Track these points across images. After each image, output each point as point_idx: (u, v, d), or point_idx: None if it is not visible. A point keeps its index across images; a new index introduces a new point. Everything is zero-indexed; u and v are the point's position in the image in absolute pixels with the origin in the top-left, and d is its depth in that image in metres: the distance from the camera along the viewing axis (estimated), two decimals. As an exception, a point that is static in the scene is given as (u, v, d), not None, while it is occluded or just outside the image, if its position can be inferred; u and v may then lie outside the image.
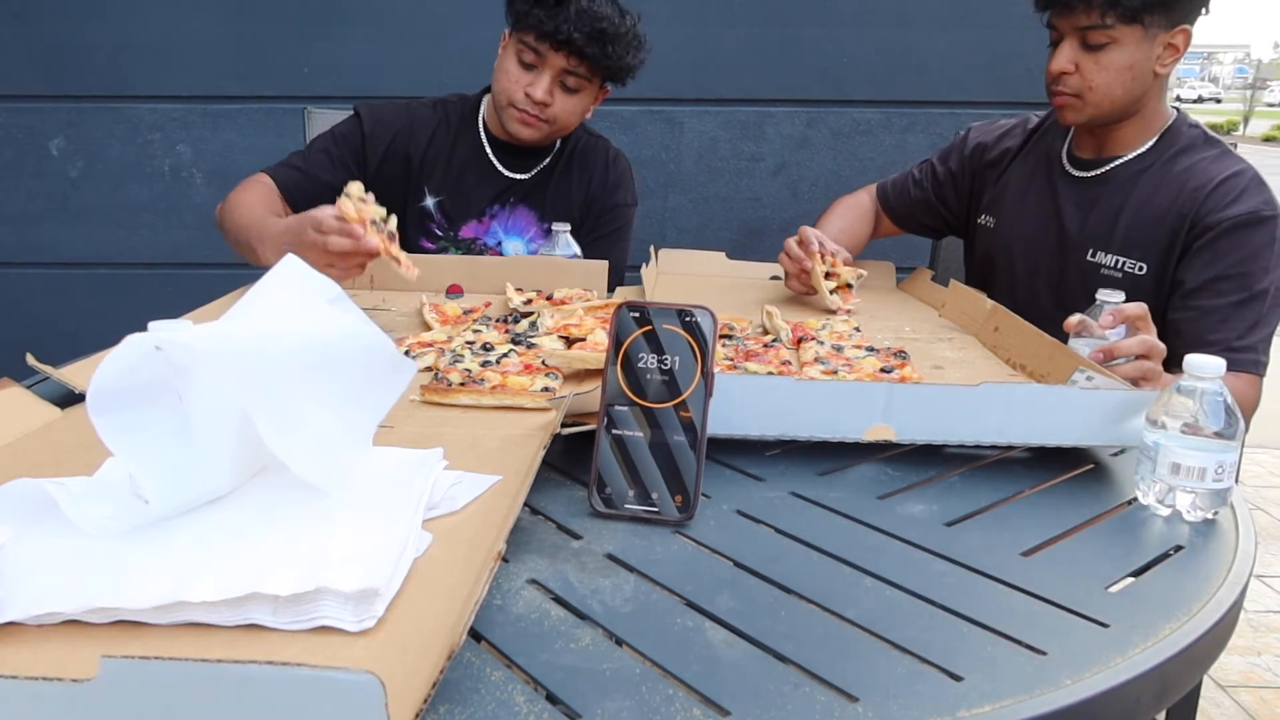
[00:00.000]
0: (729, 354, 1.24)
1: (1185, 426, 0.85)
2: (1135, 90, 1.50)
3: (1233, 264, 1.42)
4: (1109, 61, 1.48)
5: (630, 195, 1.91)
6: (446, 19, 2.50)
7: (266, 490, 0.75)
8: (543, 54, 1.68)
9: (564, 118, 1.74)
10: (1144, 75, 1.49)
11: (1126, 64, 1.47)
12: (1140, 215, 1.51)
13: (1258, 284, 1.41)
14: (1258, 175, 1.47)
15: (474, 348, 1.22)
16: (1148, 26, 1.45)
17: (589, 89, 1.74)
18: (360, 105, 1.83)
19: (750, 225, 2.67)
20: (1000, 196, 1.72)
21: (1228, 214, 1.43)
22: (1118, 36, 1.46)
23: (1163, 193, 1.50)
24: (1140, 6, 1.43)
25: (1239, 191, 1.44)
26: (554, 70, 1.69)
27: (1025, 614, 0.70)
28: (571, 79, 1.70)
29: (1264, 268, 1.42)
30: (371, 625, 0.60)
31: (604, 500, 0.83)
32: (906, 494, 0.92)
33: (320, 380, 0.73)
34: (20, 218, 2.63)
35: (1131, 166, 1.55)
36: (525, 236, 1.85)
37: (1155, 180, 1.51)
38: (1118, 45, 1.47)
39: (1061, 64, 1.50)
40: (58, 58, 2.53)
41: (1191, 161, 1.50)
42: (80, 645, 0.58)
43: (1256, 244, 1.42)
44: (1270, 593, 2.63)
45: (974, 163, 1.79)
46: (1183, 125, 1.55)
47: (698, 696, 0.58)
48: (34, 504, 0.68)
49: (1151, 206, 1.50)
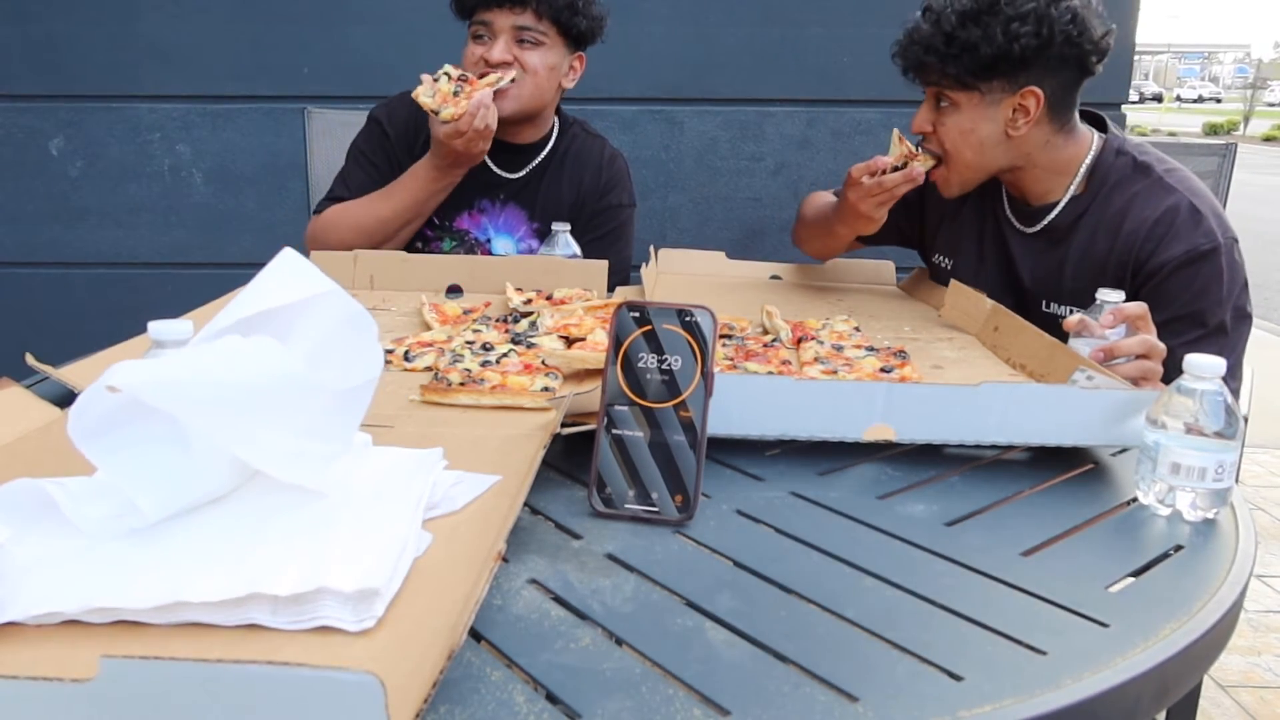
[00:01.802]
0: (729, 354, 1.24)
1: (1185, 426, 0.85)
2: (990, 154, 1.50)
3: (1183, 305, 1.39)
4: (952, 124, 1.50)
5: (627, 196, 1.90)
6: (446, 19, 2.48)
7: (266, 490, 0.74)
8: (489, 22, 1.69)
9: (534, 77, 1.72)
10: (994, 139, 1.48)
11: (968, 128, 1.48)
12: (1082, 265, 1.49)
13: (1213, 319, 1.39)
14: (1191, 205, 1.41)
15: (474, 348, 1.22)
16: (985, 93, 1.46)
17: (552, 44, 1.73)
18: (376, 109, 1.85)
19: (750, 225, 2.67)
20: (956, 241, 1.68)
21: (1168, 256, 1.40)
22: (957, 100, 1.48)
23: (1100, 240, 1.47)
24: (966, 73, 1.44)
25: (1175, 229, 1.40)
26: (506, 31, 1.69)
27: (1025, 614, 0.70)
28: (527, 34, 1.70)
29: (1216, 301, 1.39)
30: (371, 625, 0.60)
31: (604, 500, 0.83)
32: (906, 494, 0.92)
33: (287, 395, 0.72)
34: (20, 218, 2.63)
35: (1068, 213, 1.52)
36: (515, 235, 1.85)
37: (1092, 226, 1.49)
38: (958, 109, 1.48)
39: (919, 123, 1.54)
40: (58, 58, 2.53)
41: (1125, 200, 1.46)
42: (80, 645, 0.58)
43: (1204, 279, 1.39)
44: (1270, 593, 2.63)
45: (921, 192, 1.66)
46: (1110, 156, 1.50)
47: (698, 696, 0.58)
48: (34, 504, 0.68)
49: (1092, 255, 1.48)
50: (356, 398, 0.77)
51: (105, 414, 0.67)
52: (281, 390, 0.70)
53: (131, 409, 0.67)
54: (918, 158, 1.55)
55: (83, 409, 0.66)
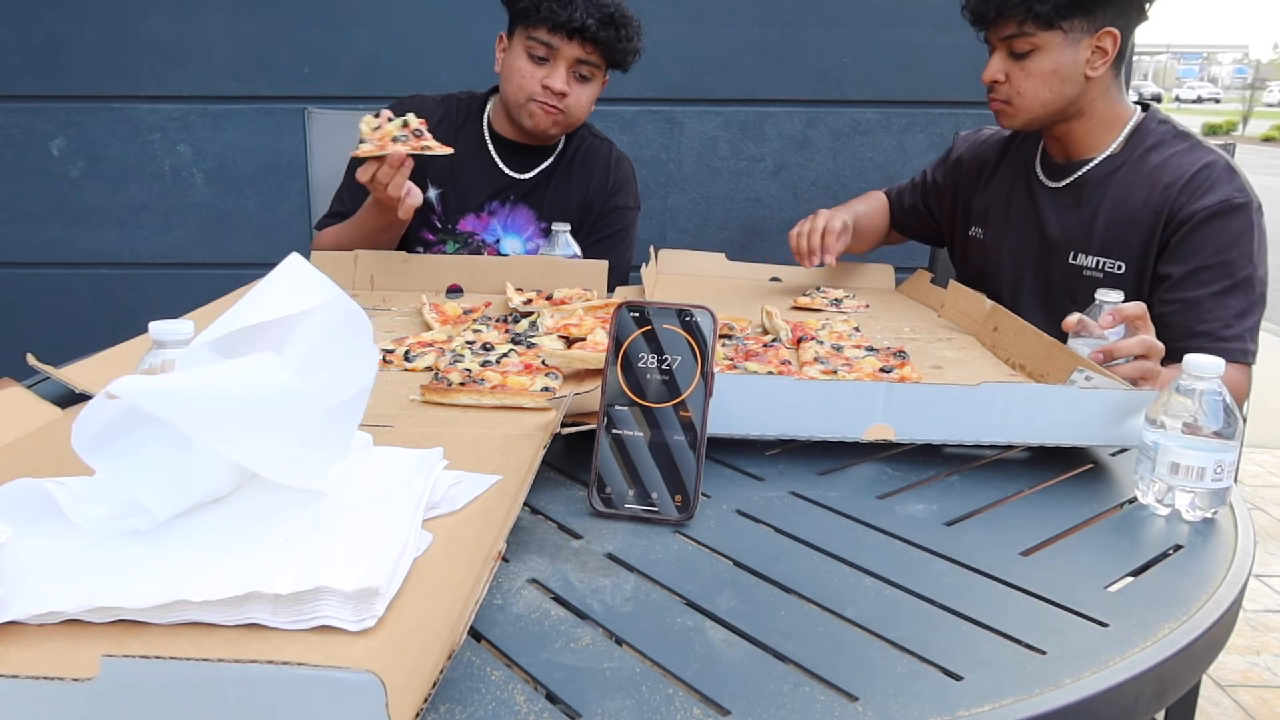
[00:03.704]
0: (729, 354, 1.24)
1: (1184, 426, 0.86)
2: (1066, 93, 1.52)
3: (1212, 253, 1.44)
4: (1034, 68, 1.52)
5: (632, 198, 1.92)
6: (446, 19, 2.50)
7: (267, 490, 0.75)
8: (555, 46, 1.69)
9: (576, 109, 1.76)
10: (1073, 79, 1.51)
11: (1051, 69, 1.51)
12: (1116, 215, 1.53)
13: (1240, 271, 1.43)
14: (1229, 164, 1.48)
15: (474, 348, 1.22)
16: (1068, 31, 1.49)
17: (597, 78, 1.77)
18: (393, 105, 1.83)
19: (750, 225, 2.67)
20: (987, 208, 1.74)
21: (1202, 204, 1.44)
22: (1039, 43, 1.50)
23: (1137, 191, 1.51)
24: (1053, 12, 1.46)
25: (1211, 182, 1.45)
26: (568, 61, 1.71)
27: (1025, 613, 0.70)
28: (584, 68, 1.73)
29: (1245, 255, 1.43)
30: (372, 625, 0.60)
31: (604, 500, 0.83)
32: (906, 494, 0.92)
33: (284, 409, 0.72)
34: (20, 218, 2.63)
35: (1103, 168, 1.56)
36: (523, 235, 1.86)
37: (1129, 179, 1.53)
38: (1040, 52, 1.50)
39: (992, 73, 1.56)
40: (58, 58, 2.53)
41: (1163, 157, 1.51)
42: (80, 645, 0.58)
43: (1234, 231, 1.44)
44: (1269, 592, 2.63)
45: (956, 175, 1.82)
46: (1152, 122, 1.56)
47: (697, 696, 0.58)
48: (34, 504, 0.68)
49: (1127, 206, 1.52)
50: (352, 404, 0.77)
51: (107, 423, 0.67)
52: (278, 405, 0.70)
53: (133, 416, 0.67)
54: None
55: (85, 421, 0.66)
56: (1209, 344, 1.40)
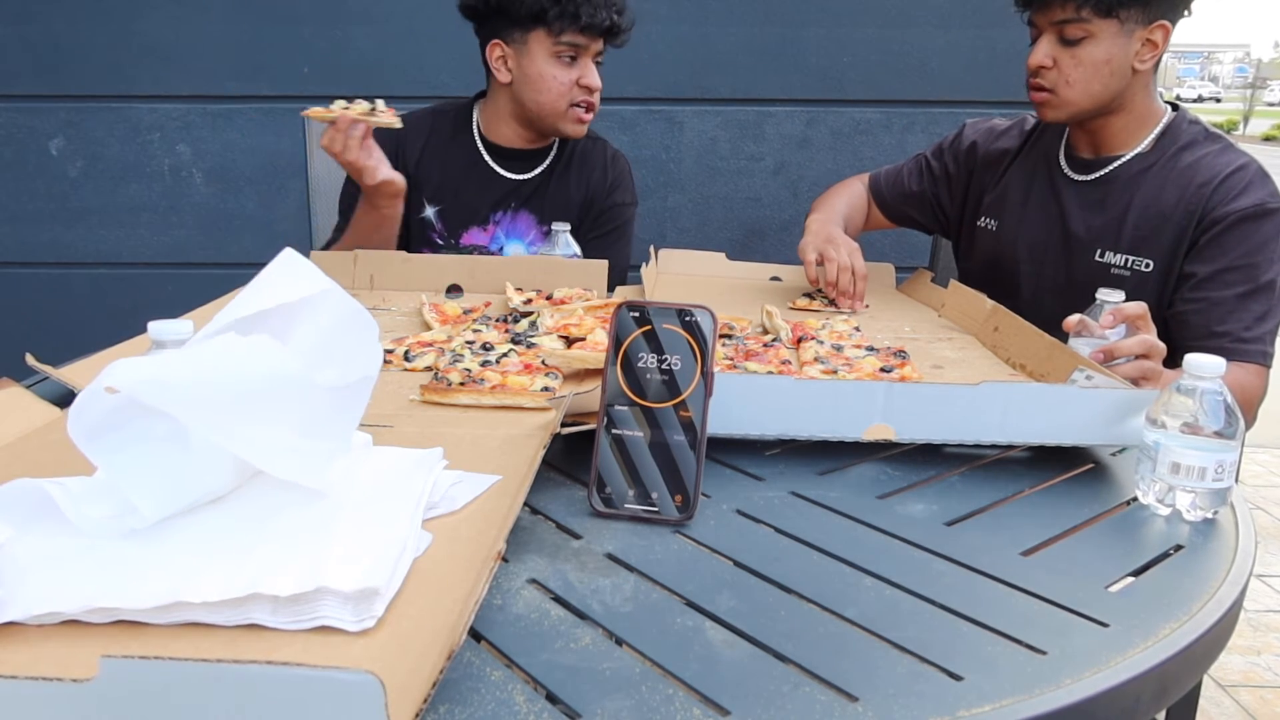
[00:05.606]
0: (729, 354, 1.24)
1: (1185, 426, 0.85)
2: (1114, 85, 1.50)
3: (1240, 255, 1.43)
4: (1085, 56, 1.49)
5: (629, 195, 1.92)
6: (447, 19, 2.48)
7: (266, 490, 0.74)
8: (585, 46, 1.71)
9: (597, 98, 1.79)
10: (1122, 71, 1.49)
11: (1103, 58, 1.48)
12: (1147, 213, 1.51)
13: (1264, 275, 1.43)
14: (1261, 168, 1.48)
15: (474, 347, 1.22)
16: (1124, 21, 1.47)
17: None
18: None
19: (750, 225, 2.67)
20: (1001, 200, 1.72)
21: (1235, 207, 1.44)
22: (1094, 31, 1.47)
23: (1169, 190, 1.50)
24: (1115, 0, 1.44)
25: (1245, 185, 1.45)
26: (591, 55, 1.74)
27: (1025, 614, 0.70)
28: (600, 57, 1.77)
29: (1271, 259, 1.43)
30: (371, 625, 0.60)
31: (604, 500, 0.83)
32: (906, 493, 0.92)
33: (284, 394, 0.72)
34: (20, 218, 2.63)
35: (1133, 165, 1.55)
36: (526, 239, 1.86)
37: (1160, 178, 1.52)
38: (1094, 40, 1.48)
39: (1039, 58, 1.52)
40: (58, 58, 2.53)
41: (1196, 157, 1.50)
42: (80, 645, 0.58)
43: (1264, 235, 1.43)
44: (1270, 592, 2.63)
45: (970, 162, 1.79)
46: (1183, 122, 1.55)
47: (697, 696, 0.58)
48: (34, 504, 0.68)
49: (1159, 204, 1.51)
50: (355, 396, 0.77)
51: (105, 413, 0.67)
52: (279, 389, 0.70)
53: (131, 408, 0.67)
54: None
55: (82, 408, 0.66)
56: (1229, 344, 1.40)
